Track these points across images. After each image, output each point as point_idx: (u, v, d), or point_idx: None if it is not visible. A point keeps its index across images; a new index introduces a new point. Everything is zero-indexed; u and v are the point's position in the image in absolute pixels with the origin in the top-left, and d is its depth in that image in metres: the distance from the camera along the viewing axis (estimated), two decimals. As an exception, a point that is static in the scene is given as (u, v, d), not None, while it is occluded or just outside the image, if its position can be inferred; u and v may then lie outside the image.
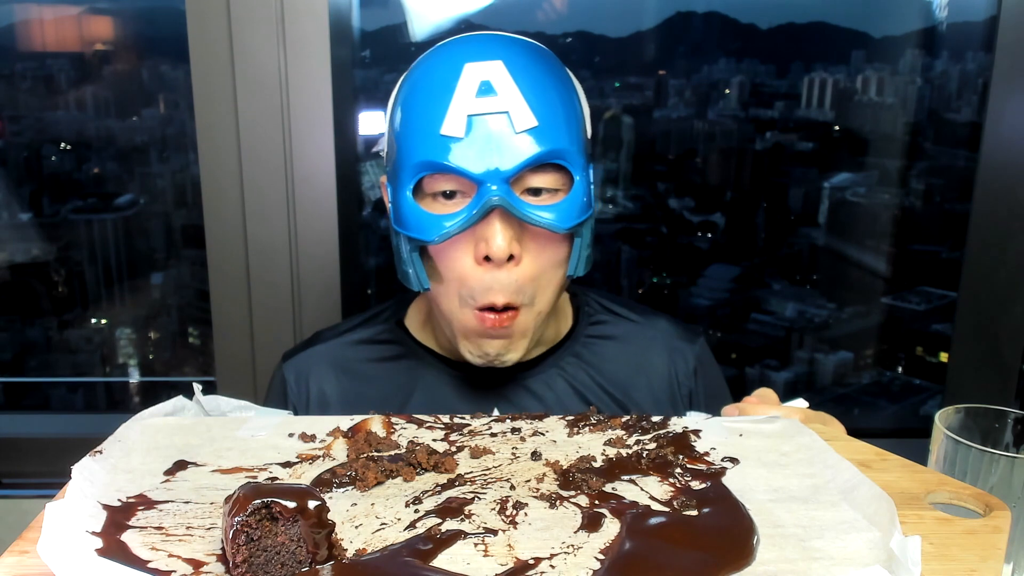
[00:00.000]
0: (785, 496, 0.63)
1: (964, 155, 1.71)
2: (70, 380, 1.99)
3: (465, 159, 0.83)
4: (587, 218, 0.88)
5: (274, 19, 1.34)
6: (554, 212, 0.85)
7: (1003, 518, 0.59)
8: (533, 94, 0.84)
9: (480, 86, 0.83)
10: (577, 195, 0.87)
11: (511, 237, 0.84)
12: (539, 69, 0.86)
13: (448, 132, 0.83)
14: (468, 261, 0.87)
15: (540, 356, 1.01)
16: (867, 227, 1.92)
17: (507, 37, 0.89)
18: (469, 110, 0.83)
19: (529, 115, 0.83)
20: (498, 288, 0.86)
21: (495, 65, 0.84)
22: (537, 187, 0.86)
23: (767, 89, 1.89)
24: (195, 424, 0.76)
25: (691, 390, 1.04)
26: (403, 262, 0.91)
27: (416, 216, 0.87)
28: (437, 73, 0.86)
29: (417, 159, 0.85)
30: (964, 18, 1.64)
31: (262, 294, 1.45)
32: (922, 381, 1.96)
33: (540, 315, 0.91)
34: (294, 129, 1.39)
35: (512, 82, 0.83)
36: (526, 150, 0.83)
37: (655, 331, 1.05)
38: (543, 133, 0.84)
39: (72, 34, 1.78)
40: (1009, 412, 0.76)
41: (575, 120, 0.88)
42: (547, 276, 0.89)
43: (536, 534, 0.57)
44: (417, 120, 0.86)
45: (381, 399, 1.00)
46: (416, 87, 0.88)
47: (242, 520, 0.49)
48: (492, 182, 0.82)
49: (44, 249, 1.91)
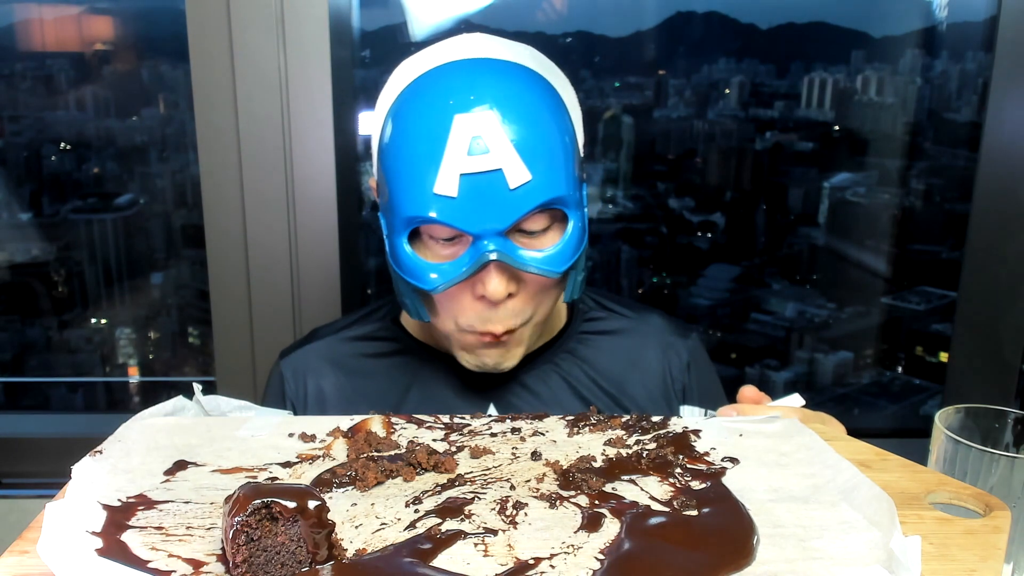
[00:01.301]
0: (785, 496, 0.63)
1: (964, 155, 1.71)
2: (70, 380, 1.99)
3: (459, 217, 0.82)
4: (581, 252, 0.89)
5: (274, 19, 1.34)
6: (549, 259, 0.86)
7: (1003, 518, 0.59)
8: (527, 145, 0.81)
9: (472, 144, 0.80)
10: (573, 235, 0.87)
11: (508, 280, 0.85)
12: (532, 110, 0.83)
13: (441, 191, 0.81)
14: (466, 299, 0.88)
15: (535, 352, 1.02)
16: (867, 227, 1.92)
17: (497, 72, 0.85)
18: (461, 169, 0.80)
19: (523, 170, 0.81)
20: (496, 320, 0.88)
21: (485, 116, 0.80)
22: (532, 229, 0.86)
23: (767, 89, 1.89)
24: (195, 424, 0.76)
25: (685, 385, 1.05)
26: (400, 293, 0.92)
27: (413, 264, 0.87)
28: (426, 124, 0.83)
29: (411, 214, 0.84)
30: (964, 18, 1.64)
31: (262, 294, 1.45)
32: (922, 381, 1.96)
33: (537, 327, 0.94)
34: (294, 129, 1.39)
35: (504, 136, 0.81)
36: (521, 205, 0.82)
37: (648, 327, 1.07)
38: (538, 187, 0.82)
39: (72, 34, 1.78)
40: (1009, 412, 0.76)
41: (570, 156, 0.87)
42: (545, 299, 0.91)
43: (536, 534, 0.57)
44: (408, 174, 0.84)
45: (378, 395, 1.01)
46: (404, 136, 0.85)
47: (242, 520, 0.49)
48: (487, 238, 0.82)
49: (44, 249, 1.91)
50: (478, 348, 0.92)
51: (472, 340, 0.91)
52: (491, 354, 0.92)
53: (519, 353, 0.93)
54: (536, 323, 0.92)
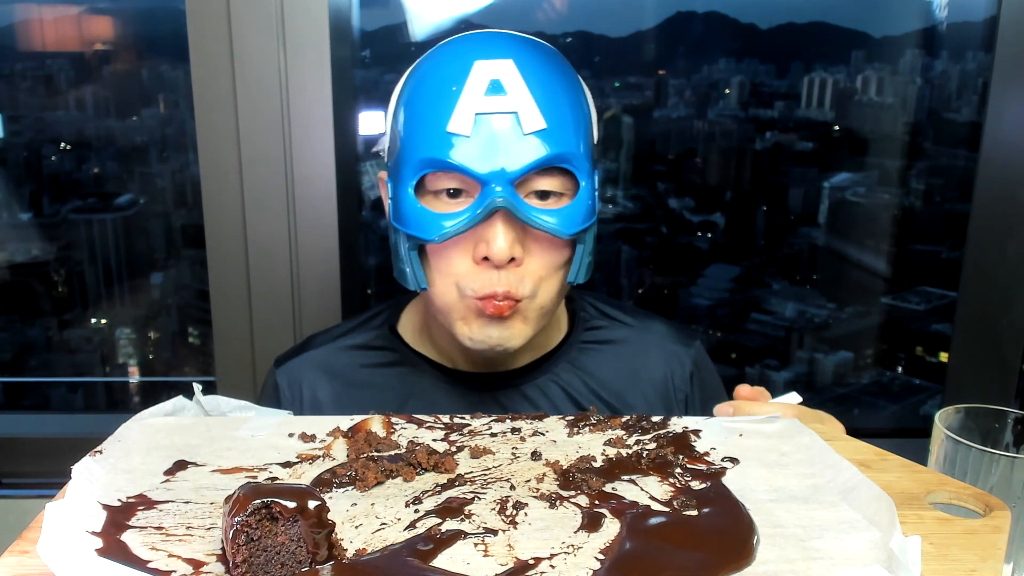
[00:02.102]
0: (785, 496, 0.63)
1: (964, 155, 1.71)
2: (70, 380, 1.99)
3: (470, 158, 0.82)
4: (591, 224, 0.88)
5: (274, 19, 1.34)
6: (558, 216, 0.84)
7: (1003, 518, 0.59)
8: (543, 96, 0.83)
9: (490, 84, 0.82)
10: (582, 200, 0.86)
11: (513, 239, 0.83)
12: (550, 71, 0.85)
13: (454, 129, 0.82)
14: (467, 261, 0.86)
15: (535, 362, 1.00)
16: (867, 227, 1.92)
17: (518, 36, 0.88)
18: (477, 108, 0.81)
19: (538, 117, 0.82)
20: (498, 282, 0.85)
21: (506, 64, 0.82)
22: (543, 190, 0.85)
23: (767, 89, 1.89)
24: (195, 424, 0.76)
25: (687, 395, 1.03)
26: (401, 260, 0.90)
27: (417, 214, 0.85)
28: (446, 68, 0.84)
29: (421, 155, 0.84)
30: (964, 18, 1.64)
31: (262, 294, 1.45)
32: (922, 381, 1.96)
33: (542, 309, 0.90)
34: (294, 129, 1.39)
35: (522, 82, 0.82)
36: (533, 152, 0.82)
37: (651, 335, 1.05)
38: (551, 136, 0.83)
39: (72, 34, 1.78)
40: (1009, 412, 0.76)
41: (584, 125, 0.87)
42: (549, 278, 0.88)
43: (536, 534, 0.57)
44: (423, 115, 0.84)
45: (375, 406, 0.98)
46: (423, 81, 0.86)
47: (242, 520, 0.49)
48: (497, 183, 0.81)
49: (44, 249, 1.91)
50: (478, 321, 0.88)
51: (473, 307, 0.87)
52: (495, 328, 0.87)
53: (524, 334, 0.89)
54: (541, 306, 0.89)
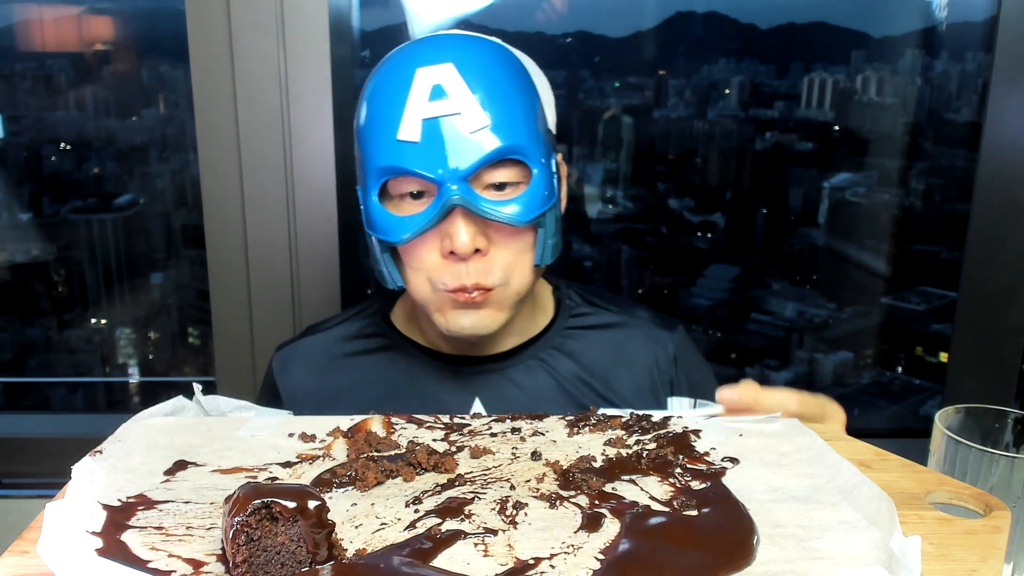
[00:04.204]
0: (785, 496, 0.63)
1: (964, 155, 1.71)
2: (70, 380, 1.99)
3: (422, 162, 0.86)
4: (549, 208, 0.91)
5: (274, 19, 1.34)
6: (514, 206, 0.88)
7: (1003, 518, 0.59)
8: (484, 93, 0.87)
9: (432, 90, 0.86)
10: (536, 188, 0.89)
11: (475, 232, 0.88)
12: (490, 67, 0.89)
13: (404, 137, 0.86)
14: (435, 256, 0.90)
15: (521, 346, 1.03)
16: (867, 227, 1.92)
17: (459, 37, 0.92)
18: (423, 114, 0.86)
19: (481, 114, 0.86)
20: (466, 274, 0.89)
21: (445, 68, 0.87)
22: (499, 182, 0.89)
23: (767, 89, 1.89)
24: (195, 424, 0.76)
25: (672, 378, 1.06)
26: (377, 262, 0.95)
27: (382, 219, 0.91)
28: (391, 80, 0.89)
29: (378, 164, 0.89)
30: (964, 18, 1.64)
31: (262, 294, 1.45)
32: (922, 381, 1.96)
33: (518, 295, 0.94)
34: (294, 129, 1.39)
35: (463, 83, 0.86)
36: (480, 148, 0.86)
37: (635, 320, 1.08)
38: (496, 131, 0.87)
39: (72, 34, 1.78)
40: (1009, 412, 0.76)
41: (531, 113, 0.91)
42: (518, 263, 0.92)
43: (536, 534, 0.57)
44: (376, 127, 0.89)
45: (363, 389, 1.04)
46: (373, 95, 0.91)
47: (242, 520, 0.49)
48: (451, 182, 0.86)
49: (44, 249, 1.91)
50: (453, 311, 0.93)
51: (446, 299, 0.92)
52: (468, 316, 0.92)
53: (497, 319, 0.94)
54: (515, 292, 0.93)
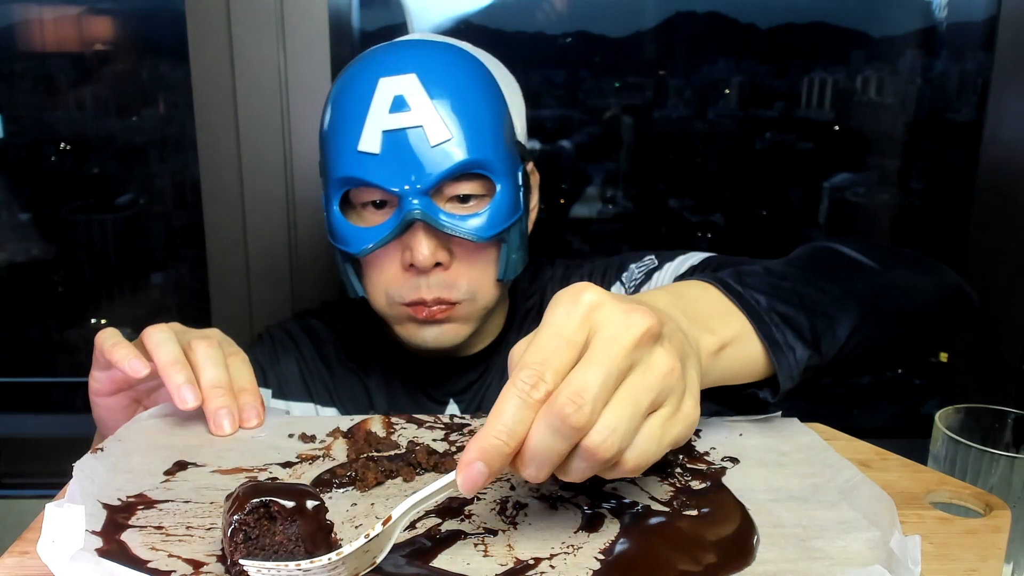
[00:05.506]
0: (785, 496, 0.63)
1: (964, 155, 1.71)
2: (70, 380, 1.99)
3: (382, 175, 0.85)
4: (513, 223, 0.89)
5: (274, 19, 1.34)
6: (477, 220, 0.86)
7: (1003, 518, 0.59)
8: (447, 106, 0.85)
9: (393, 101, 0.84)
10: (501, 202, 0.88)
11: (436, 246, 0.86)
12: (455, 78, 0.87)
13: (365, 148, 0.85)
14: (395, 268, 0.89)
15: (493, 344, 1.03)
16: (867, 227, 1.91)
17: (424, 45, 0.89)
18: (383, 126, 0.84)
19: (443, 128, 0.84)
20: (424, 288, 0.88)
21: (408, 79, 0.84)
22: (463, 194, 0.87)
23: (767, 89, 1.89)
24: (195, 424, 0.76)
25: None
26: (340, 272, 0.94)
27: (343, 229, 0.89)
28: (354, 88, 0.87)
29: (339, 174, 0.88)
30: (964, 18, 1.64)
31: (262, 294, 1.45)
32: (922, 381, 1.96)
33: (485, 309, 0.93)
34: (294, 129, 1.39)
35: (425, 95, 0.84)
36: (441, 163, 0.84)
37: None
38: (459, 144, 0.85)
39: (72, 34, 1.78)
40: (1009, 412, 0.76)
41: (498, 125, 0.88)
42: (482, 277, 0.91)
43: (536, 534, 0.57)
44: (337, 136, 0.88)
45: (342, 379, 1.05)
46: (336, 103, 0.89)
47: (240, 519, 0.49)
48: (411, 196, 0.84)
49: (44, 249, 1.91)
50: (411, 325, 0.92)
51: (403, 314, 0.91)
52: (427, 332, 0.92)
53: (460, 332, 0.93)
54: (484, 307, 0.92)
